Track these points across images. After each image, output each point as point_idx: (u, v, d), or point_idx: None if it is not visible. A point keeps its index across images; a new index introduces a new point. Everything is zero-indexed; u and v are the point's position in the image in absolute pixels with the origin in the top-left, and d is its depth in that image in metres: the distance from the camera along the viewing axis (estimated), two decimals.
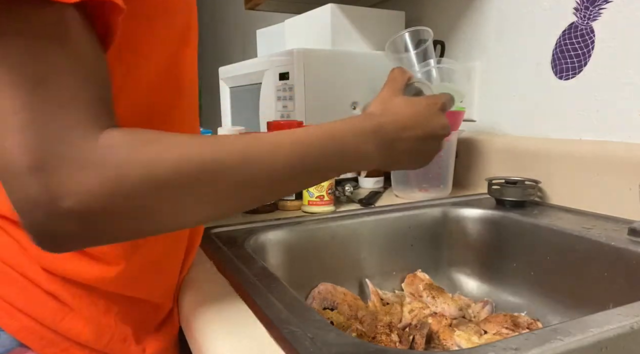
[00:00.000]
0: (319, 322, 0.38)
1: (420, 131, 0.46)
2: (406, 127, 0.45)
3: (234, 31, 2.49)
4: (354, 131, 0.42)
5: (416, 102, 0.48)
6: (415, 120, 0.46)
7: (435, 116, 0.48)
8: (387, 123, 0.44)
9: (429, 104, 0.49)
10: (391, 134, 0.44)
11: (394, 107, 0.47)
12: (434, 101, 0.49)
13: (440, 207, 0.77)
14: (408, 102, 0.48)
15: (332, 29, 1.00)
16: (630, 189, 0.66)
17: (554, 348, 0.33)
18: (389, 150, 0.44)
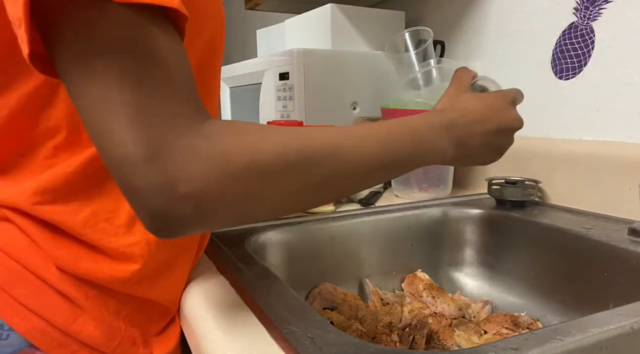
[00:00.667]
0: (319, 322, 0.38)
1: (492, 125, 0.46)
2: (478, 121, 0.46)
3: (234, 31, 2.49)
4: (430, 126, 0.43)
5: (485, 97, 0.48)
6: (486, 114, 0.47)
7: (506, 109, 0.48)
8: (458, 118, 0.45)
9: (499, 98, 0.49)
10: (463, 129, 0.45)
11: (462, 103, 0.47)
12: (504, 95, 0.49)
13: (440, 207, 0.77)
14: (477, 97, 0.48)
15: (332, 29, 1.00)
16: (630, 189, 0.66)
17: (554, 348, 0.33)
18: (462, 145, 0.45)
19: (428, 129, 0.43)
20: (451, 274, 0.76)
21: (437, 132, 0.43)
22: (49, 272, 0.41)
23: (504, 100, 0.49)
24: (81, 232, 0.40)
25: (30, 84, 0.38)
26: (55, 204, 0.40)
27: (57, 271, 0.41)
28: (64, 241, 0.41)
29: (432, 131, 0.43)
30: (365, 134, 0.39)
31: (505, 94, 0.49)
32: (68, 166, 0.40)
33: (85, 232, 0.40)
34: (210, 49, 0.46)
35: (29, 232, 0.41)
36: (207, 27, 0.44)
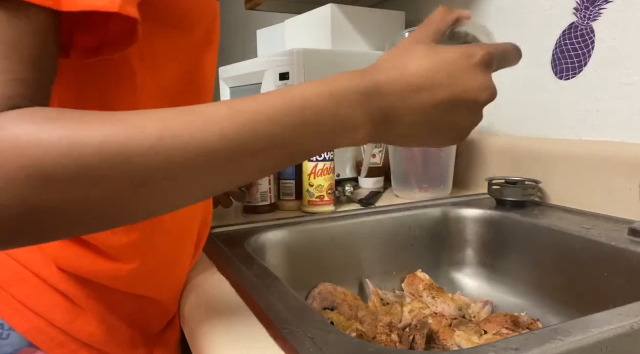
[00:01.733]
0: (319, 322, 0.38)
1: (443, 94, 0.33)
2: (419, 88, 0.33)
3: (234, 31, 2.49)
4: (335, 93, 0.31)
5: (443, 52, 0.34)
6: (436, 78, 0.33)
7: (469, 72, 0.34)
8: (388, 81, 0.33)
9: (463, 55, 0.34)
10: (392, 97, 0.33)
11: (405, 59, 0.34)
12: (471, 51, 0.34)
13: (440, 207, 0.77)
14: (431, 52, 0.34)
15: (332, 29, 1.00)
16: (630, 189, 0.66)
17: (554, 348, 0.33)
18: (388, 119, 0.33)
19: (333, 97, 0.31)
20: (451, 274, 0.76)
21: (347, 101, 0.31)
22: (49, 271, 0.41)
23: (469, 59, 0.34)
24: None
25: None
26: None
27: (57, 270, 0.41)
28: (63, 240, 0.41)
29: (339, 100, 0.31)
30: (214, 112, 0.29)
31: (474, 51, 0.34)
32: None
33: None
34: (205, 42, 0.45)
35: None
36: (202, 22, 0.43)
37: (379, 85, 0.33)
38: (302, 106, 0.31)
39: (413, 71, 0.33)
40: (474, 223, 0.75)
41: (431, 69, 0.33)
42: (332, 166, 0.75)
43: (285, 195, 0.78)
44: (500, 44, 0.38)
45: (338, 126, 0.32)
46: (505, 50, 0.37)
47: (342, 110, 0.31)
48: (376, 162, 0.94)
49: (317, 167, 0.73)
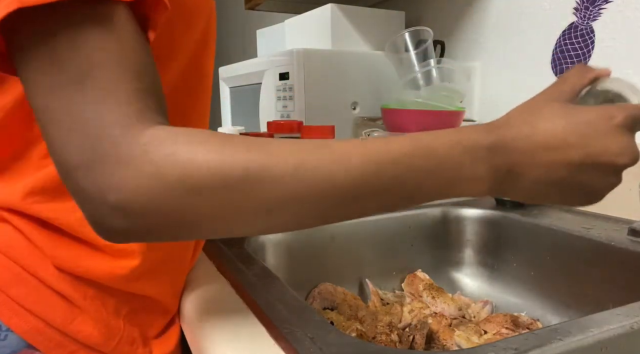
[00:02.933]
0: (319, 322, 0.38)
1: (576, 154, 0.32)
2: (550, 146, 0.32)
3: (234, 31, 2.49)
4: (461, 145, 0.32)
5: (580, 112, 0.33)
6: (570, 137, 0.32)
7: (608, 134, 0.33)
8: (515, 138, 0.33)
9: (604, 117, 0.33)
10: (521, 155, 0.32)
11: (538, 117, 0.34)
12: (613, 113, 0.33)
13: (440, 207, 0.77)
14: (566, 111, 0.34)
15: (332, 29, 1.00)
16: (630, 189, 0.66)
17: (554, 348, 0.33)
18: (513, 176, 0.33)
19: (457, 150, 0.32)
20: (451, 274, 0.76)
21: (471, 156, 0.32)
22: (46, 272, 0.41)
23: (609, 121, 0.33)
24: (79, 230, 0.40)
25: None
26: (52, 203, 0.40)
27: (56, 270, 0.41)
28: (62, 240, 0.41)
29: (462, 153, 0.32)
30: (348, 152, 0.31)
31: (613, 113, 0.33)
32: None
33: (82, 231, 0.40)
34: (202, 43, 0.45)
35: (25, 233, 0.41)
36: (199, 21, 0.43)
37: (505, 141, 0.33)
38: (427, 154, 0.32)
39: (545, 129, 0.33)
40: (474, 223, 0.75)
41: (565, 129, 0.33)
42: None
43: None
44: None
45: (459, 177, 0.32)
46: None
47: (466, 163, 0.32)
48: None
49: None
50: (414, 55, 0.86)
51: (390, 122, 0.85)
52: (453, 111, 0.82)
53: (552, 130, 0.33)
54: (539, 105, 0.35)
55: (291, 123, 0.81)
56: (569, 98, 0.36)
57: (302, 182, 0.30)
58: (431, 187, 0.32)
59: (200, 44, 0.45)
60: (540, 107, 0.35)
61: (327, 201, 0.31)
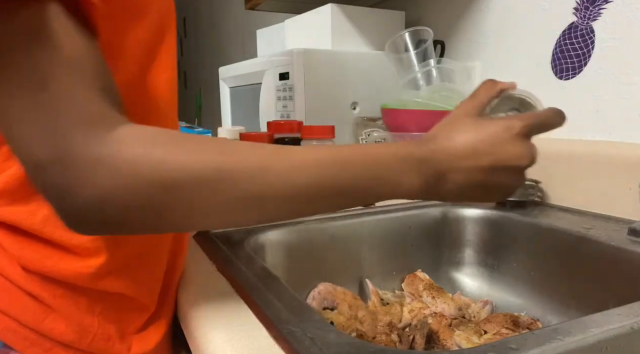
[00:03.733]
0: (319, 322, 0.38)
1: (485, 161, 0.39)
2: (464, 156, 0.39)
3: (234, 31, 2.49)
4: (398, 156, 0.38)
5: (487, 125, 0.41)
6: (480, 147, 0.40)
7: (509, 142, 0.40)
8: (440, 151, 0.39)
9: (505, 128, 0.40)
10: (444, 164, 0.39)
11: (454, 131, 0.41)
12: (512, 124, 0.40)
13: (440, 207, 0.77)
14: (476, 125, 0.41)
15: (332, 29, 1.00)
16: (630, 189, 0.66)
17: (554, 348, 0.33)
18: (440, 182, 0.39)
19: (394, 159, 0.38)
20: (451, 274, 0.76)
21: (406, 165, 0.38)
22: (14, 272, 0.41)
23: (508, 131, 0.40)
24: (42, 231, 0.40)
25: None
26: (13, 206, 0.40)
27: (23, 271, 0.41)
28: (27, 241, 0.41)
29: (399, 162, 0.38)
30: (305, 157, 0.35)
31: (513, 124, 0.40)
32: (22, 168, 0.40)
33: (46, 231, 0.40)
34: (157, 34, 0.45)
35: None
36: (150, 10, 0.43)
37: (431, 153, 0.39)
38: (374, 162, 0.38)
39: (460, 141, 0.40)
40: (474, 223, 0.75)
41: (476, 140, 0.40)
42: None
43: None
44: (541, 112, 0.43)
45: (398, 182, 0.38)
46: (544, 118, 0.42)
47: (404, 170, 0.38)
48: None
49: None
50: (414, 55, 0.86)
51: (390, 122, 0.85)
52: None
53: (465, 142, 0.40)
54: (456, 120, 0.42)
55: (291, 123, 0.81)
56: (478, 112, 0.43)
57: (266, 184, 0.33)
58: (377, 191, 0.38)
59: (155, 35, 0.44)
60: (456, 122, 0.42)
61: (287, 201, 0.35)
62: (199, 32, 3.22)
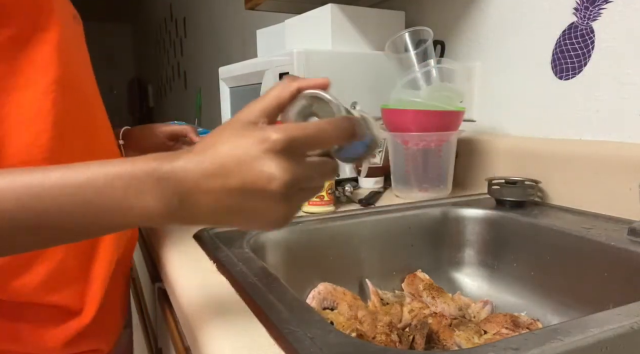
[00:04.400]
0: (319, 322, 0.38)
1: (233, 181, 0.32)
2: (212, 173, 0.32)
3: (234, 31, 2.49)
4: (125, 178, 0.32)
5: (245, 136, 0.33)
6: (228, 164, 0.32)
7: (257, 159, 0.32)
8: (185, 167, 0.32)
9: (258, 141, 0.32)
10: (188, 184, 0.32)
11: (215, 141, 0.34)
12: (265, 136, 0.32)
13: (440, 207, 0.77)
14: (237, 136, 0.33)
15: (332, 29, 1.00)
16: (630, 189, 0.66)
17: (554, 348, 0.33)
18: (186, 205, 0.33)
19: (119, 181, 0.32)
20: (451, 274, 0.76)
21: (139, 187, 0.32)
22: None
23: (260, 145, 0.32)
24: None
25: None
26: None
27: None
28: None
29: (131, 184, 0.32)
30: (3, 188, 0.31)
31: (268, 135, 0.32)
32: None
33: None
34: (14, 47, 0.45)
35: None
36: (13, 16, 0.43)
37: (176, 171, 0.32)
38: (83, 186, 0.32)
39: (212, 155, 0.33)
40: (474, 223, 0.75)
41: (226, 155, 0.32)
42: None
43: None
44: (314, 124, 0.34)
45: (123, 207, 0.32)
46: (317, 132, 0.33)
47: (129, 193, 0.32)
48: (376, 162, 0.94)
49: None
50: (414, 55, 0.86)
51: (390, 122, 0.85)
52: (453, 111, 0.82)
53: (215, 156, 0.33)
54: (225, 128, 0.34)
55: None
56: (254, 118, 0.35)
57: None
58: (94, 219, 0.32)
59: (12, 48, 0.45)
60: (224, 130, 0.34)
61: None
62: (199, 32, 3.21)
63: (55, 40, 0.48)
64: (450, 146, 0.85)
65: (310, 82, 0.37)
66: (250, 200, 0.33)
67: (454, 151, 0.86)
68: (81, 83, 0.55)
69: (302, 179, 0.33)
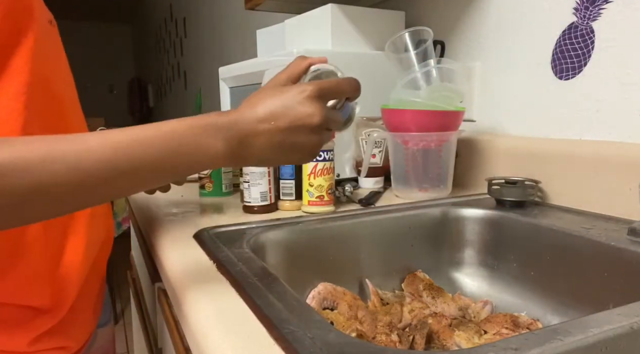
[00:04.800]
0: (319, 322, 0.38)
1: (283, 122, 0.42)
2: (264, 119, 0.42)
3: (234, 31, 2.49)
4: (198, 126, 0.41)
5: (285, 90, 0.44)
6: (277, 110, 0.42)
7: (300, 103, 0.43)
8: (243, 117, 0.42)
9: (298, 91, 0.43)
10: (244, 129, 0.42)
11: (256, 99, 0.44)
12: (304, 88, 0.44)
13: (440, 207, 0.77)
14: (277, 91, 0.44)
15: (332, 29, 1.00)
16: (630, 189, 0.66)
17: (554, 348, 0.33)
18: (243, 146, 0.42)
19: (194, 129, 0.40)
20: (451, 274, 0.76)
21: (207, 133, 0.41)
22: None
23: (301, 94, 0.43)
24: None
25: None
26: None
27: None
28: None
29: (199, 131, 0.41)
30: (87, 142, 0.37)
31: (305, 87, 0.44)
32: None
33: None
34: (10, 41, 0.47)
35: None
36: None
37: (234, 119, 0.42)
38: (167, 134, 0.40)
39: (259, 107, 0.43)
40: (474, 223, 0.75)
41: (272, 104, 0.43)
42: (332, 166, 0.75)
43: (285, 195, 0.78)
44: (333, 80, 0.47)
45: (198, 150, 0.41)
46: (335, 84, 0.46)
47: (202, 138, 0.41)
48: (376, 162, 0.94)
49: (317, 167, 0.73)
50: (414, 55, 0.86)
51: (390, 122, 0.85)
52: (453, 111, 0.82)
53: (264, 106, 0.42)
54: (262, 90, 0.45)
55: None
56: (284, 83, 0.47)
57: (47, 173, 0.35)
58: (181, 160, 0.40)
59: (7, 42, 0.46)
60: (262, 92, 0.44)
61: (76, 187, 0.36)
62: (199, 32, 3.21)
63: (30, 44, 0.49)
64: (450, 146, 0.85)
65: (316, 59, 0.50)
66: (296, 134, 0.43)
67: (454, 151, 0.86)
68: (56, 87, 0.56)
69: (330, 120, 0.44)
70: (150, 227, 0.72)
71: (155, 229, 0.69)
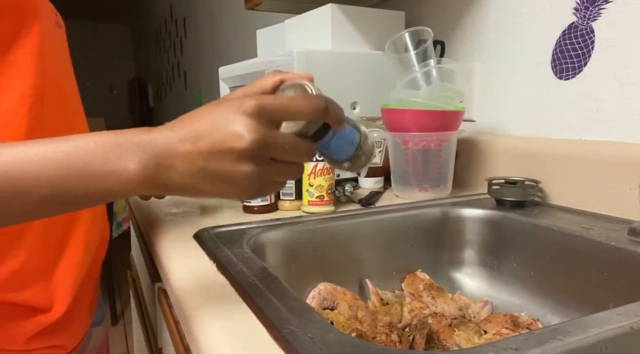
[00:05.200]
0: (319, 322, 0.38)
1: (204, 144, 0.33)
2: (186, 137, 0.34)
3: (234, 31, 2.49)
4: (109, 143, 0.33)
5: (221, 104, 0.35)
6: (202, 128, 0.34)
7: (231, 122, 0.33)
8: (163, 135, 0.34)
9: (235, 106, 0.34)
10: (164, 149, 0.34)
11: (193, 114, 0.36)
12: (243, 102, 0.34)
13: (440, 207, 0.77)
14: (214, 105, 0.36)
15: (332, 29, 1.00)
16: (630, 189, 0.66)
17: (554, 348, 0.33)
18: (161, 168, 0.34)
19: (102, 146, 0.33)
20: (451, 274, 0.76)
21: (121, 151, 0.33)
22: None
23: (236, 109, 0.34)
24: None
25: None
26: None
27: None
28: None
29: (112, 149, 0.33)
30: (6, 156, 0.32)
31: (244, 102, 0.34)
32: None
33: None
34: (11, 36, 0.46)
35: None
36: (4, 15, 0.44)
37: (154, 137, 0.34)
38: (69, 152, 0.33)
39: (187, 123, 0.35)
40: (474, 223, 0.75)
41: (201, 121, 0.34)
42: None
43: (285, 195, 0.78)
44: (287, 97, 0.37)
45: (104, 171, 0.33)
46: (290, 103, 0.35)
47: (111, 158, 0.33)
48: (376, 162, 0.94)
49: (317, 167, 0.73)
50: (414, 55, 0.86)
51: (390, 122, 0.85)
52: (453, 111, 0.82)
53: (193, 123, 0.34)
54: (204, 105, 0.36)
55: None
56: (240, 96, 0.37)
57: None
58: (77, 183, 0.33)
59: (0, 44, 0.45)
60: (203, 107, 0.36)
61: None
62: (199, 32, 3.21)
63: (36, 46, 0.48)
64: (450, 146, 0.85)
65: (293, 75, 0.39)
66: (220, 160, 0.34)
67: (454, 151, 0.86)
68: (61, 91, 0.55)
69: (271, 146, 0.34)
70: (150, 227, 0.72)
71: (155, 229, 0.69)
